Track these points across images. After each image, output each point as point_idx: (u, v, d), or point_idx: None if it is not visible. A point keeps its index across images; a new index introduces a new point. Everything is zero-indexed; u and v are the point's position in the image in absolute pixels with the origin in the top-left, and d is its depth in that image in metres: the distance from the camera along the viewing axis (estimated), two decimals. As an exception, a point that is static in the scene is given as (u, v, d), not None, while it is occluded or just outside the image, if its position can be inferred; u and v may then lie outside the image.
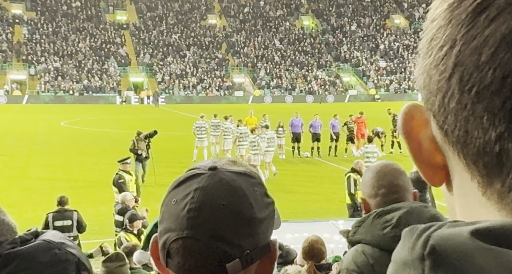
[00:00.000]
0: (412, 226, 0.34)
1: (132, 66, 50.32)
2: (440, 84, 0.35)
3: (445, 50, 0.34)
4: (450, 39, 0.34)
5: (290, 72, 52.29)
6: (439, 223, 0.33)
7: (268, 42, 56.49)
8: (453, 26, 0.34)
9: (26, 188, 12.85)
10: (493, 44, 0.32)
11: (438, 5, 0.36)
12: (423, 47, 0.37)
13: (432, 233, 0.31)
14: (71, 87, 45.50)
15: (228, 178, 0.78)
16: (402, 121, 0.39)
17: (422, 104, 0.38)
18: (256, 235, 0.77)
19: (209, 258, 0.74)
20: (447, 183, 0.38)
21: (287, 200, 11.46)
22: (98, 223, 9.37)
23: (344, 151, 17.80)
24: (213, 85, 49.09)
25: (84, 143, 20.46)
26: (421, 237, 0.32)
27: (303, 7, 64.00)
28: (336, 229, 7.34)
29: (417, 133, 0.38)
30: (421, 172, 0.39)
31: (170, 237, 0.76)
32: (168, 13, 59.04)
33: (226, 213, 0.75)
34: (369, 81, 52.59)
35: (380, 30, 60.47)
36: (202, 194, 0.76)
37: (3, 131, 23.30)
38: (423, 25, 0.38)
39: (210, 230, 0.74)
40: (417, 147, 0.38)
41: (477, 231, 0.30)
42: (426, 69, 0.36)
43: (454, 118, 0.34)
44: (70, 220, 7.36)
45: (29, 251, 1.23)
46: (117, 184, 9.24)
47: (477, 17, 0.33)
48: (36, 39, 50.85)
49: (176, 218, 0.76)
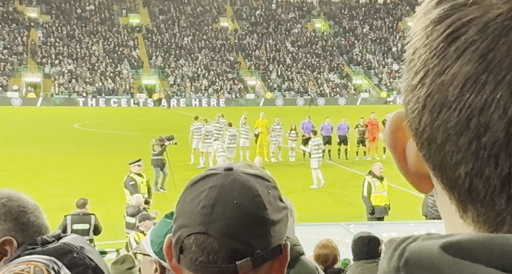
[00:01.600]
0: (391, 238, 0.35)
1: (144, 68, 50.69)
2: (415, 113, 0.36)
3: (419, 78, 0.35)
4: (424, 66, 0.35)
5: (302, 75, 52.23)
6: (414, 236, 0.34)
7: (280, 44, 56.51)
8: (427, 52, 0.35)
9: (40, 190, 13.00)
10: (458, 84, 0.32)
11: (418, 19, 0.36)
12: (406, 62, 0.38)
13: (407, 246, 0.33)
14: (85, 90, 45.97)
15: (242, 179, 0.79)
16: (388, 131, 0.39)
17: None
18: (267, 236, 0.78)
19: (220, 255, 0.75)
20: (435, 190, 0.39)
21: (298, 203, 11.42)
22: (109, 225, 9.44)
23: (356, 154, 17.71)
24: (224, 88, 49.22)
25: (96, 145, 20.64)
26: (397, 249, 0.33)
27: (315, 10, 63.94)
28: (347, 232, 7.29)
29: (402, 144, 0.38)
30: (409, 181, 0.40)
31: (183, 233, 0.77)
32: (180, 16, 59.40)
33: (239, 211, 0.76)
34: (381, 83, 52.32)
35: (392, 32, 60.15)
36: (216, 192, 0.77)
37: (18, 133, 23.62)
38: (408, 33, 0.38)
39: (222, 227, 0.75)
40: (403, 158, 0.39)
41: (446, 245, 0.31)
42: (406, 90, 0.37)
43: (427, 148, 0.35)
44: (88, 224, 7.42)
45: (46, 253, 1.24)
46: (128, 186, 9.29)
47: (447, 48, 0.33)
48: (50, 42, 51.50)
49: (190, 214, 0.77)
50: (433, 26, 0.34)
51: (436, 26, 0.34)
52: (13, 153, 18.33)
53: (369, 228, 7.71)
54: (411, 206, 10.95)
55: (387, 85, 51.97)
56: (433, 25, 0.34)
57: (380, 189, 9.02)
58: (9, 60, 47.71)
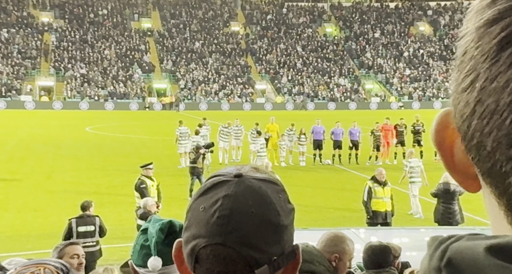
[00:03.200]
0: (434, 236, 0.35)
1: (155, 72, 51.02)
2: (464, 116, 0.35)
3: (469, 82, 0.34)
4: (475, 69, 0.34)
5: (312, 79, 52.18)
6: (458, 235, 0.33)
7: (291, 49, 56.54)
8: (478, 54, 0.33)
9: (51, 192, 13.13)
10: (511, 92, 0.31)
11: (468, 21, 0.35)
12: (457, 60, 0.37)
13: (450, 245, 0.32)
14: (97, 93, 46.39)
15: (254, 185, 0.79)
16: (435, 130, 0.38)
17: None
18: (282, 242, 0.79)
19: (238, 264, 0.76)
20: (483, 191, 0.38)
21: (308, 207, 11.40)
22: (120, 228, 9.49)
23: (368, 159, 17.61)
24: (235, 92, 49.35)
25: (108, 148, 20.79)
26: (439, 247, 0.32)
27: (326, 14, 63.89)
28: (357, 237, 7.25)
29: (450, 142, 0.37)
30: (456, 181, 0.39)
31: (199, 244, 0.76)
32: (191, 21, 59.74)
33: (255, 220, 0.77)
34: (393, 88, 52.05)
35: (404, 37, 59.87)
36: (231, 201, 0.77)
37: (31, 136, 23.88)
38: (459, 32, 0.37)
39: (240, 237, 0.76)
40: (450, 157, 0.38)
41: (492, 247, 0.30)
42: (454, 89, 0.36)
43: (476, 153, 0.34)
44: (93, 225, 7.44)
45: None
46: (138, 189, 9.34)
47: (501, 52, 0.32)
48: (63, 46, 52.09)
49: (205, 224, 0.77)
50: (486, 28, 0.33)
51: (489, 28, 0.33)
52: (26, 156, 18.53)
53: (378, 234, 7.66)
54: (422, 212, 10.86)
55: (398, 90, 51.69)
56: (486, 27, 0.33)
57: (381, 194, 8.98)
58: (23, 64, 48.33)
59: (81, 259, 4.43)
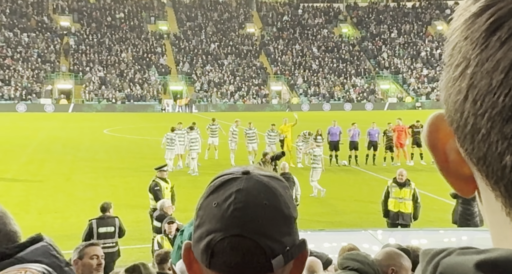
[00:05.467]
0: (426, 249, 0.34)
1: (172, 75, 51.39)
2: (457, 105, 0.35)
3: (460, 70, 0.34)
4: (465, 58, 0.34)
5: (328, 80, 51.95)
6: (449, 249, 0.33)
7: (306, 50, 56.39)
8: (467, 44, 0.34)
9: (71, 194, 13.32)
10: (503, 69, 0.32)
11: (457, 18, 0.36)
12: (445, 59, 0.38)
13: (441, 260, 0.32)
14: (114, 96, 46.93)
15: (263, 180, 0.82)
16: (427, 132, 0.38)
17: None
18: (293, 233, 0.81)
19: (255, 255, 0.77)
20: (478, 194, 0.38)
21: (324, 209, 11.35)
22: (138, 229, 9.58)
23: (383, 160, 17.47)
24: (250, 93, 49.41)
25: (125, 150, 21.01)
26: (431, 262, 0.33)
27: (341, 15, 63.57)
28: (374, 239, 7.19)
29: (443, 144, 0.38)
30: (450, 183, 0.38)
31: (215, 238, 0.77)
32: (207, 23, 60.04)
33: (268, 211, 0.79)
34: (410, 89, 51.52)
35: (422, 36, 59.21)
36: (244, 195, 0.79)
37: (51, 138, 24.27)
38: (446, 33, 0.38)
39: (256, 227, 0.77)
40: (443, 158, 0.38)
41: (482, 263, 0.30)
42: (446, 86, 0.37)
43: (471, 141, 0.34)
44: (113, 226, 7.50)
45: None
46: (152, 191, 9.40)
47: (490, 37, 0.33)
48: (82, 49, 52.85)
49: (220, 218, 0.78)
50: (474, 18, 0.34)
51: (477, 18, 0.34)
52: (45, 159, 18.84)
53: (396, 235, 7.59)
54: (440, 213, 10.72)
55: (416, 90, 51.13)
56: (474, 17, 0.34)
57: (397, 195, 9.00)
58: (42, 68, 49.16)
59: (100, 260, 4.47)
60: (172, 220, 7.30)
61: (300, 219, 3.51)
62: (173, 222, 7.23)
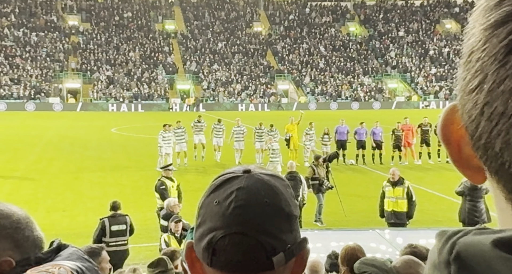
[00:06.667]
0: (442, 230, 0.35)
1: (179, 74, 51.51)
2: (473, 116, 0.35)
3: (477, 83, 0.34)
4: (483, 70, 0.34)
5: (335, 79, 51.80)
6: (466, 229, 0.34)
7: (313, 48, 56.26)
8: (486, 56, 0.33)
9: (79, 192, 13.40)
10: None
11: (475, 21, 0.35)
12: (462, 57, 0.37)
13: (458, 240, 0.33)
14: (122, 95, 47.13)
15: (264, 179, 0.82)
16: (442, 125, 0.38)
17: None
18: (294, 231, 0.82)
19: (257, 252, 0.77)
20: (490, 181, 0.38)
21: (331, 208, 11.33)
22: (145, 228, 9.62)
23: (391, 159, 17.40)
24: (257, 92, 49.39)
25: (132, 149, 21.09)
26: (448, 242, 0.33)
27: (349, 13, 63.34)
28: (381, 238, 7.17)
29: (457, 137, 0.38)
30: (462, 173, 0.39)
31: (216, 235, 0.78)
32: (214, 22, 60.08)
33: (269, 209, 0.79)
34: (418, 87, 51.24)
35: (430, 35, 58.84)
36: (244, 193, 0.79)
37: (59, 137, 24.43)
38: (464, 31, 0.38)
39: (257, 225, 0.78)
40: (457, 151, 0.38)
41: (498, 241, 0.31)
42: (462, 89, 0.36)
43: (484, 153, 0.35)
44: (124, 224, 7.57)
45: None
46: (158, 190, 9.44)
47: (509, 55, 0.32)
48: (90, 48, 53.12)
49: (221, 216, 0.78)
50: (492, 30, 0.33)
51: (496, 30, 0.33)
52: (54, 157, 18.97)
53: (404, 234, 7.56)
54: (448, 212, 10.66)
55: (424, 89, 50.84)
56: (493, 29, 0.33)
57: (391, 194, 8.99)
58: (51, 67, 49.48)
59: (108, 263, 4.62)
60: (179, 219, 7.33)
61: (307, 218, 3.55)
62: (179, 221, 7.25)
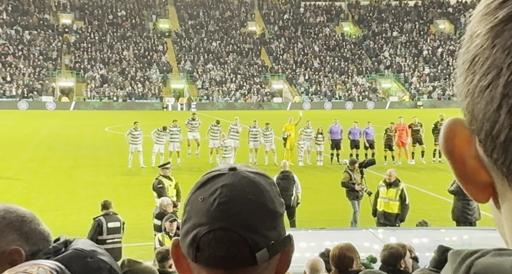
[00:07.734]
0: (456, 250, 0.34)
1: (173, 73, 51.40)
2: (488, 115, 0.34)
3: (491, 78, 0.33)
4: (496, 66, 0.33)
5: (330, 79, 51.92)
6: (483, 250, 0.32)
7: (308, 48, 56.35)
8: (498, 51, 0.33)
9: (72, 192, 13.34)
10: None
11: (479, 22, 0.35)
12: (464, 61, 0.36)
13: (475, 261, 0.31)
14: (115, 94, 46.95)
15: (249, 176, 0.83)
16: (444, 138, 0.37)
17: (464, 118, 0.37)
18: (278, 228, 0.83)
19: (240, 248, 0.78)
20: (495, 200, 0.37)
21: (325, 207, 11.36)
22: (139, 227, 9.59)
23: (384, 159, 17.47)
24: (252, 92, 49.40)
25: (126, 148, 21.01)
26: (464, 262, 0.32)
27: (343, 13, 63.49)
28: (374, 237, 7.20)
29: (460, 151, 0.37)
30: (465, 190, 0.38)
31: (200, 231, 0.79)
32: (209, 21, 60.00)
33: (253, 205, 0.80)
34: (411, 87, 51.47)
35: (423, 35, 59.11)
36: (229, 190, 0.80)
37: (52, 136, 24.29)
38: (464, 36, 0.37)
39: (241, 221, 0.79)
40: (461, 165, 0.37)
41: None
42: (470, 92, 0.35)
43: (503, 152, 0.33)
44: (118, 222, 7.64)
45: (61, 261, 1.23)
46: (156, 189, 9.43)
47: None
48: (83, 47, 52.87)
49: (205, 213, 0.79)
50: (503, 25, 0.33)
51: (506, 25, 0.33)
52: (47, 156, 18.86)
53: (397, 234, 7.59)
54: (442, 212, 10.73)
55: (417, 89, 51.07)
56: (503, 24, 0.33)
57: (384, 195, 9.02)
58: (44, 65, 49.20)
59: None
60: (174, 218, 7.32)
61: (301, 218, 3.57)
62: (174, 220, 7.24)
